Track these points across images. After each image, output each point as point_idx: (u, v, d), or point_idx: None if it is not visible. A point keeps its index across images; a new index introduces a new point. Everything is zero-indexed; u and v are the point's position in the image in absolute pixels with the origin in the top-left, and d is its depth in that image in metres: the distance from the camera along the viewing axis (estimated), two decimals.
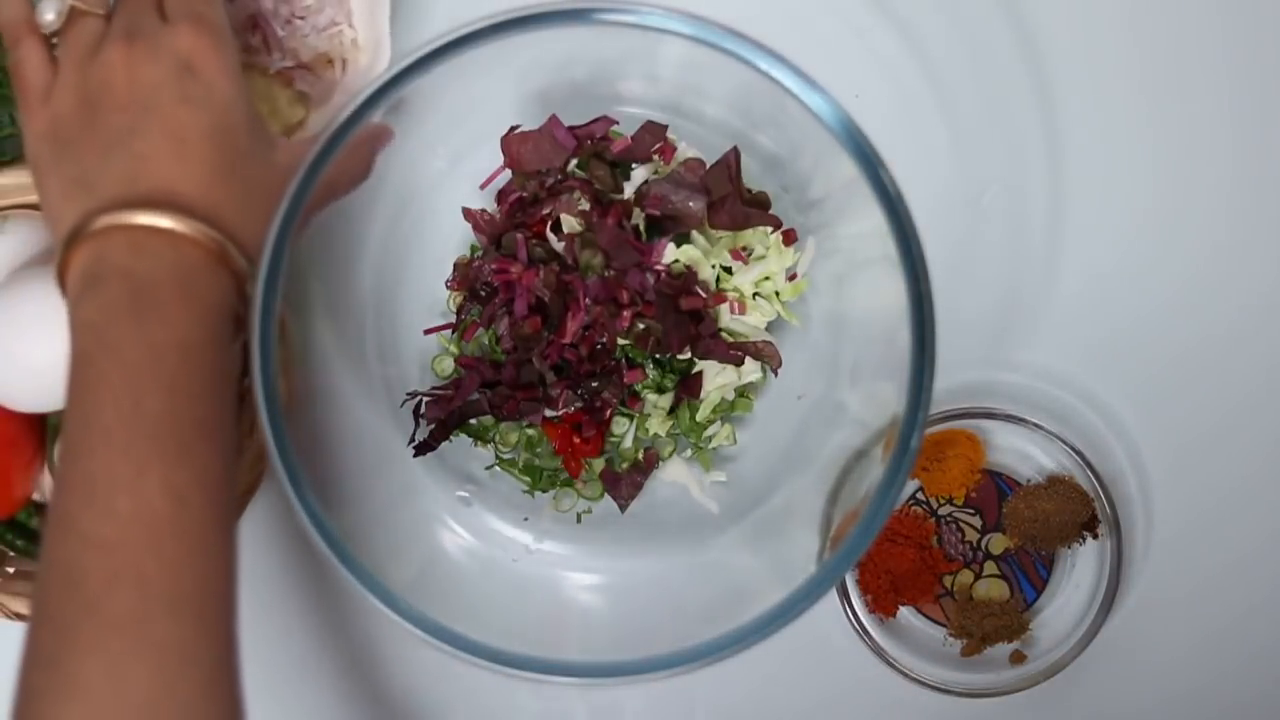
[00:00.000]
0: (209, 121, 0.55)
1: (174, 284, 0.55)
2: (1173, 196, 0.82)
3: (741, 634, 0.61)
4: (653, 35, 0.61)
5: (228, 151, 0.55)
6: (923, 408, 0.60)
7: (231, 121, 0.56)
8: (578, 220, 0.73)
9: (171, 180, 0.55)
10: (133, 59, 0.55)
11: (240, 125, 0.56)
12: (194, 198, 0.55)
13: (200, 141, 0.55)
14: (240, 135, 0.56)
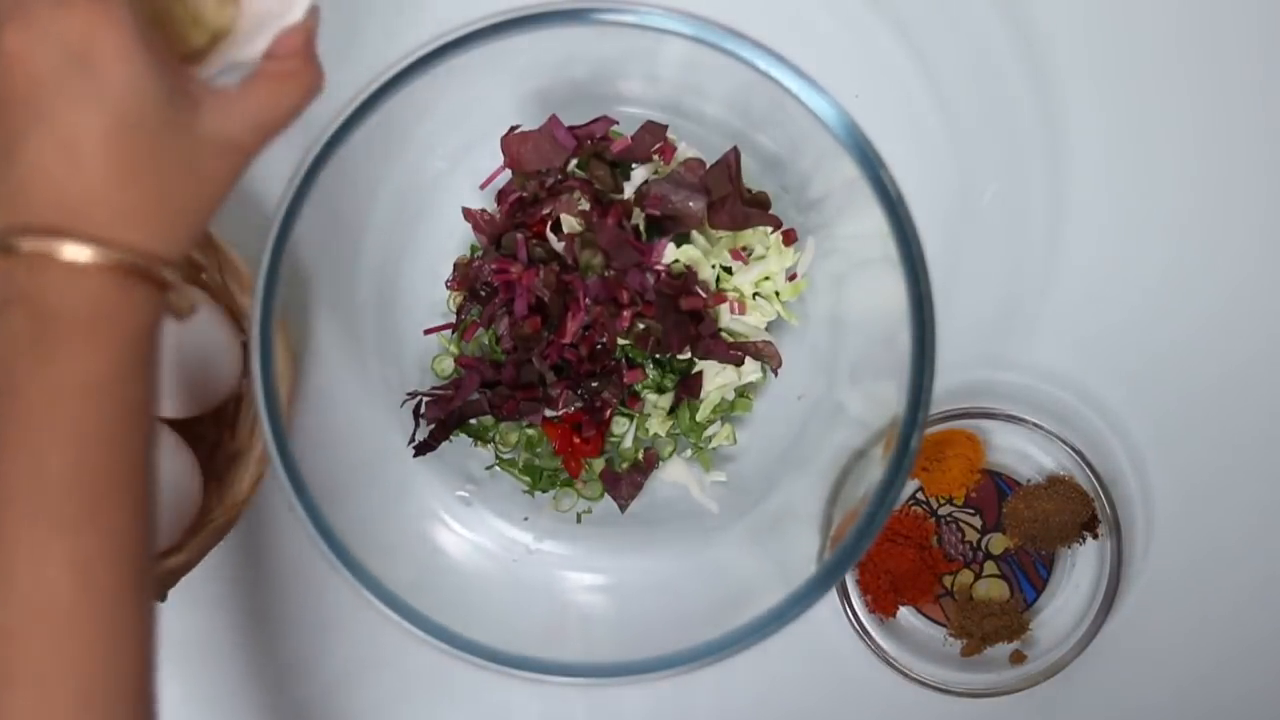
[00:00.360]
0: (105, 122, 0.47)
1: (76, 314, 0.47)
2: (1173, 196, 0.81)
3: (741, 634, 0.61)
4: (653, 35, 0.61)
5: (133, 149, 0.48)
6: (923, 408, 0.61)
7: (135, 112, 0.48)
8: (578, 220, 0.73)
9: (65, 195, 0.47)
10: (19, 48, 0.47)
11: (147, 113, 0.48)
12: (93, 212, 0.47)
13: (96, 147, 0.47)
14: (148, 125, 0.48)
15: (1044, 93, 0.81)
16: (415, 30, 0.68)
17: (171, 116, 0.49)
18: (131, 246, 0.48)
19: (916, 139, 0.80)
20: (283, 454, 0.62)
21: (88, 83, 0.47)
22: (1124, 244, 0.81)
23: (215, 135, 0.50)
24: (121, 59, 0.47)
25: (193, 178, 0.50)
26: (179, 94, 0.49)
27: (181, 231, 0.50)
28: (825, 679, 0.81)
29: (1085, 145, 0.81)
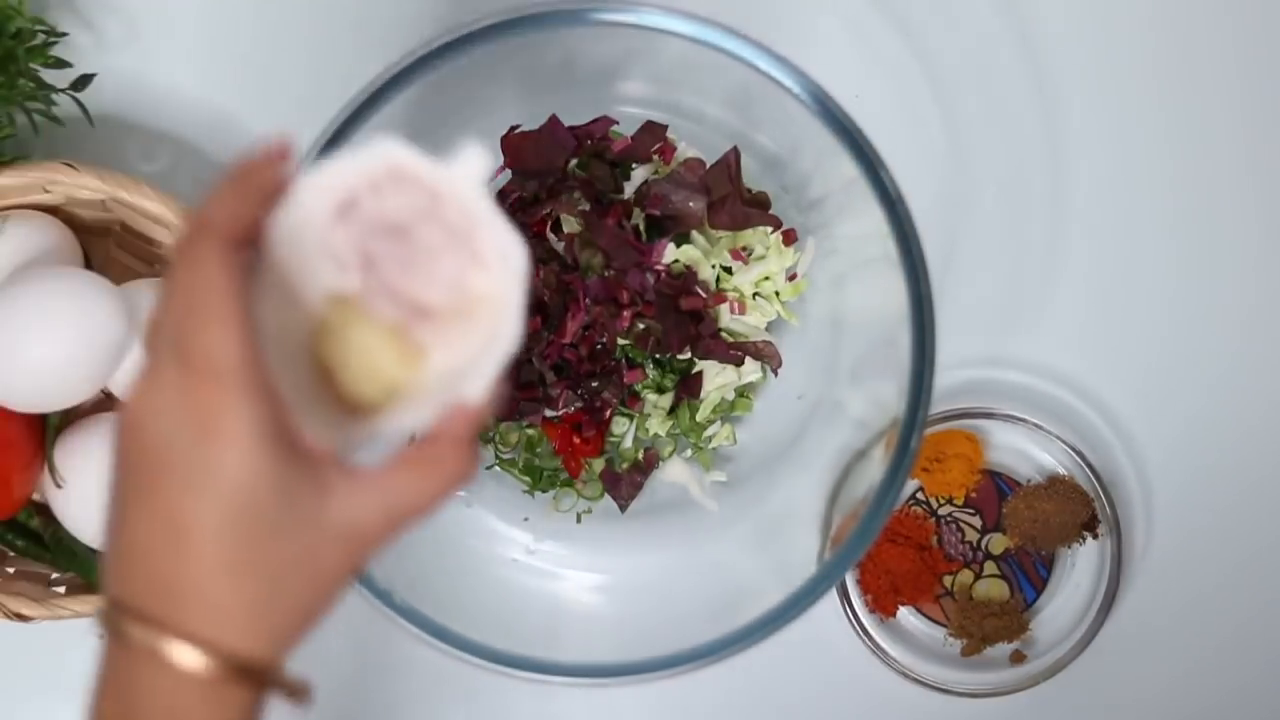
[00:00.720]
0: (217, 512, 0.43)
1: (171, 712, 0.44)
2: (1173, 196, 0.81)
3: (741, 634, 0.61)
4: (653, 35, 0.61)
5: (245, 543, 0.44)
6: (923, 408, 0.61)
7: (250, 503, 0.44)
8: (578, 220, 0.73)
9: (171, 582, 0.44)
10: (143, 411, 0.44)
11: (263, 504, 0.44)
12: (197, 606, 0.44)
13: (205, 538, 0.43)
14: (263, 517, 0.44)
15: (1044, 92, 0.81)
16: (415, 30, 0.68)
17: (292, 507, 0.44)
18: (234, 652, 0.44)
19: (916, 139, 0.80)
20: None
21: (203, 464, 0.43)
22: (1124, 244, 0.81)
23: (341, 525, 0.45)
24: (240, 443, 0.43)
25: (310, 573, 0.45)
26: (305, 481, 0.44)
27: (294, 632, 0.46)
28: (825, 679, 0.81)
29: (1085, 145, 0.81)
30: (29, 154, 0.75)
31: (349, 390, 0.49)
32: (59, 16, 0.77)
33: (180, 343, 0.43)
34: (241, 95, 0.80)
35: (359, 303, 0.49)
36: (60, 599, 0.71)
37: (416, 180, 0.48)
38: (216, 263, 0.43)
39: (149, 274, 0.77)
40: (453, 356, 0.49)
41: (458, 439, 0.46)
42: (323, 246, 0.48)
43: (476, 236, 0.49)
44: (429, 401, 0.48)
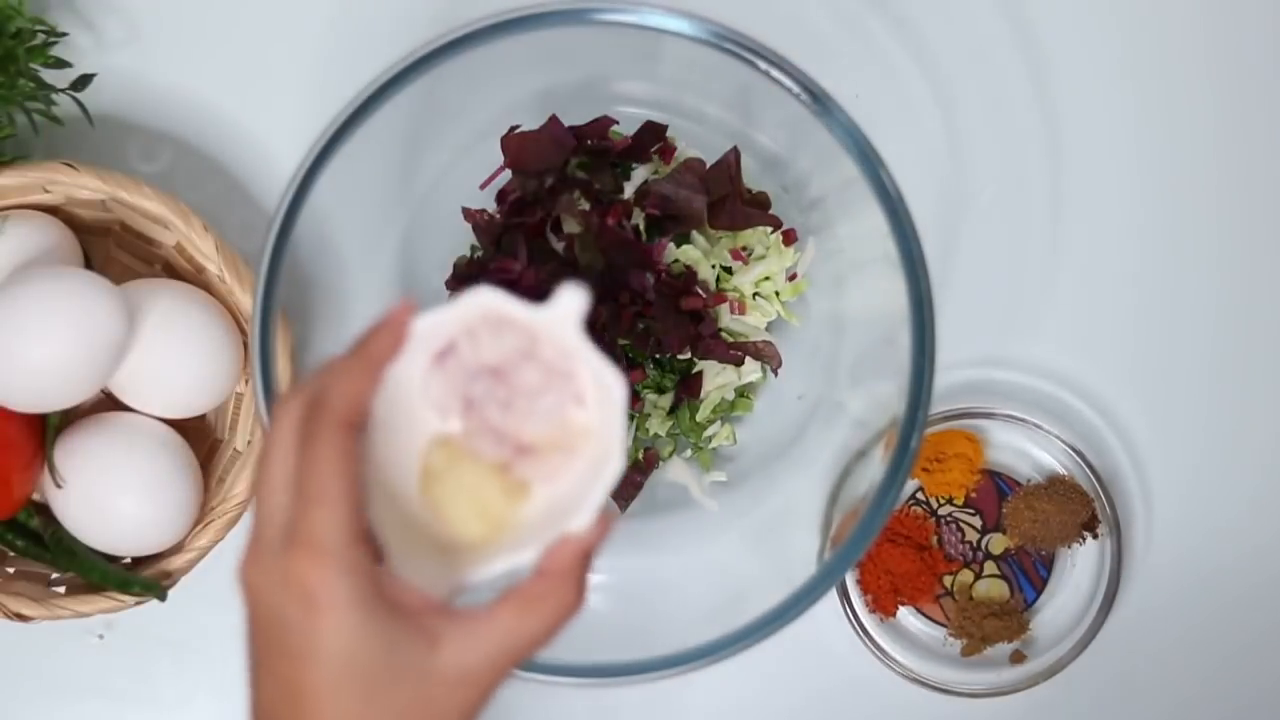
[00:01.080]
0: (329, 678, 0.46)
1: None
2: (1174, 196, 0.81)
3: (741, 634, 0.61)
4: (653, 35, 0.61)
5: (353, 700, 0.46)
6: (923, 408, 0.61)
7: (354, 664, 0.46)
8: (578, 220, 0.73)
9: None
10: (252, 582, 0.47)
11: (367, 663, 0.46)
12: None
13: (316, 700, 0.46)
14: (370, 675, 0.46)
15: (1044, 92, 0.81)
16: (416, 30, 0.68)
17: (400, 663, 0.46)
18: None
19: (916, 139, 0.80)
20: None
21: (311, 635, 0.46)
22: (1124, 243, 0.81)
23: (453, 671, 0.47)
24: (342, 614, 0.46)
25: (424, 713, 0.47)
26: (411, 636, 0.46)
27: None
28: (825, 679, 0.81)
29: (1085, 145, 0.81)
30: (29, 154, 0.75)
31: (455, 531, 0.50)
32: (59, 16, 0.77)
33: (290, 523, 0.46)
34: (241, 95, 0.80)
35: (463, 444, 0.50)
36: (60, 599, 0.71)
37: (513, 324, 0.50)
38: (331, 447, 0.46)
39: (149, 274, 0.77)
40: (556, 490, 0.51)
41: (565, 572, 0.48)
42: (423, 394, 0.50)
43: (575, 373, 0.50)
44: (534, 537, 0.49)
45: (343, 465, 0.46)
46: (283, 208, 0.61)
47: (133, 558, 0.74)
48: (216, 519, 0.72)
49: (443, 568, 0.49)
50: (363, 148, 0.62)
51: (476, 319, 0.50)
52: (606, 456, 0.49)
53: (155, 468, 0.72)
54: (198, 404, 0.73)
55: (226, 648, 0.79)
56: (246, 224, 0.78)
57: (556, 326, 0.49)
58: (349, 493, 0.46)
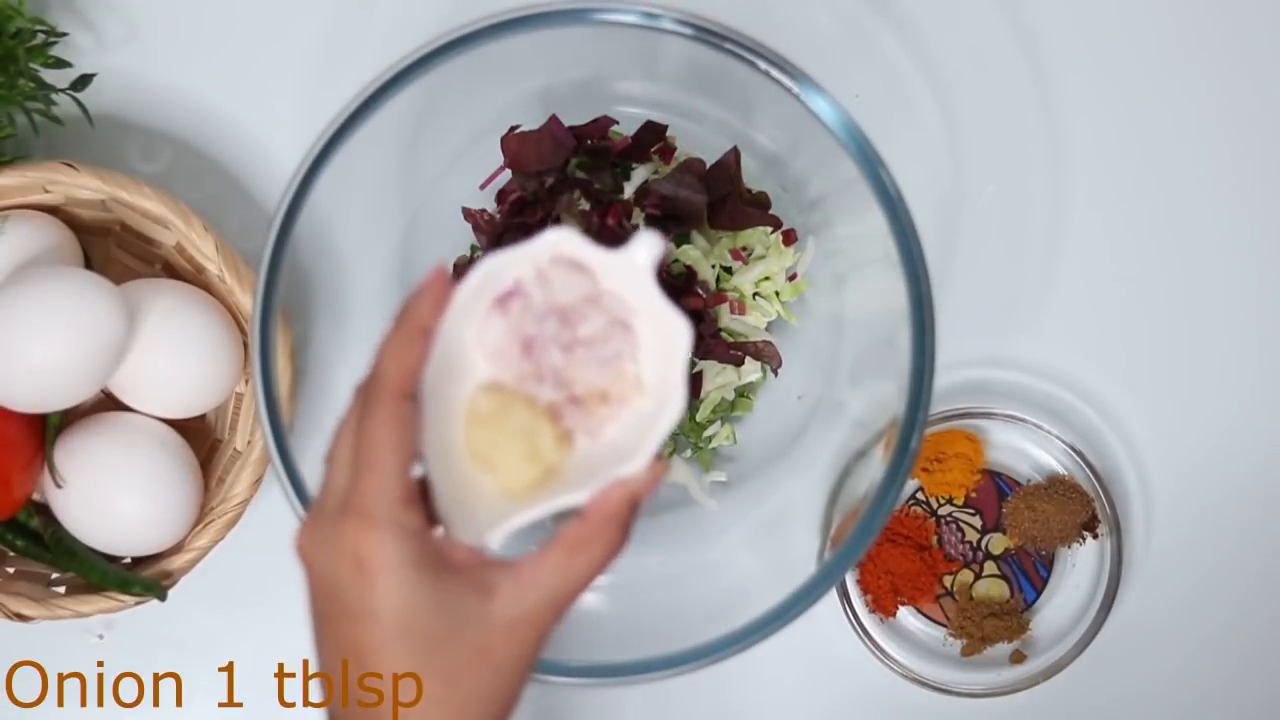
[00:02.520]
0: (385, 636, 0.48)
1: None
2: (1174, 196, 0.81)
3: (741, 634, 0.61)
4: (653, 35, 0.61)
5: (416, 654, 0.48)
6: (923, 408, 0.61)
7: (409, 622, 0.48)
8: (578, 220, 0.73)
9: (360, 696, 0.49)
10: (308, 551, 0.50)
11: (422, 620, 0.48)
12: (387, 715, 0.49)
13: (379, 658, 0.48)
14: (425, 631, 0.48)
15: (1044, 92, 0.81)
16: (416, 30, 0.68)
17: (454, 616, 0.49)
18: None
19: (916, 139, 0.80)
20: (283, 454, 0.62)
21: (364, 597, 0.48)
22: (1123, 243, 0.81)
23: (508, 619, 0.49)
24: (394, 575, 0.48)
25: (487, 668, 0.49)
26: (463, 590, 0.49)
27: (474, 705, 0.49)
28: (825, 679, 0.81)
29: (1084, 144, 0.81)
30: (29, 154, 0.75)
31: (504, 475, 0.51)
32: (59, 16, 0.77)
33: (346, 489, 0.49)
34: (241, 95, 0.80)
35: (516, 387, 0.51)
36: (60, 599, 0.71)
37: (583, 266, 0.50)
38: (385, 415, 0.48)
39: (149, 274, 0.77)
40: (609, 436, 0.51)
41: (609, 517, 0.49)
42: (478, 340, 0.51)
43: (631, 324, 0.51)
44: (585, 481, 0.50)
45: (395, 433, 0.48)
46: (283, 208, 0.61)
47: (133, 558, 0.74)
48: (216, 519, 0.72)
49: (490, 514, 0.50)
50: (363, 148, 0.62)
51: (546, 260, 0.50)
52: (665, 403, 0.50)
53: (155, 468, 0.72)
54: (198, 404, 0.73)
55: (226, 648, 0.79)
56: (246, 224, 0.78)
57: (627, 270, 0.50)
58: (400, 459, 0.48)
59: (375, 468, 0.48)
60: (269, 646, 0.78)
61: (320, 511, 0.49)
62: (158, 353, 0.71)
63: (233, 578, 0.78)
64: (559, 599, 0.49)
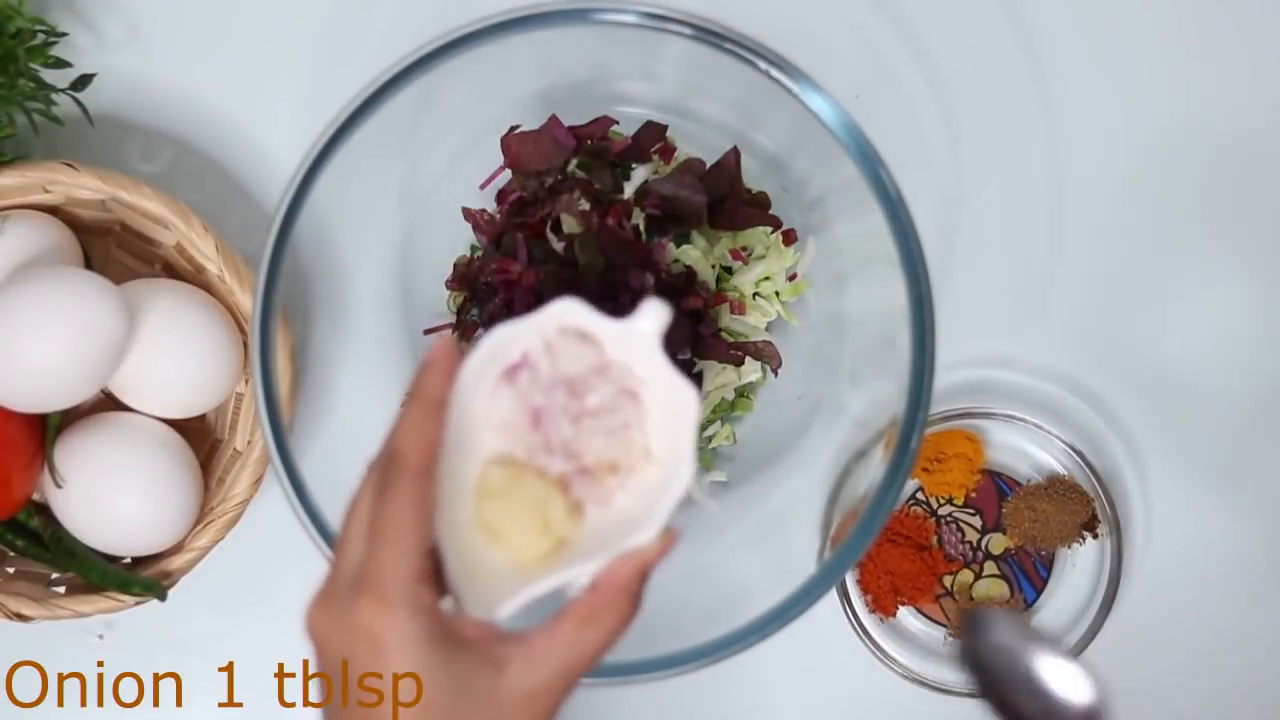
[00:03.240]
0: (400, 713, 0.48)
1: None
2: (1174, 196, 0.81)
3: (741, 634, 0.61)
4: (653, 35, 0.61)
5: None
6: (923, 408, 0.61)
7: (430, 696, 0.48)
8: (578, 220, 0.73)
9: None
10: (319, 629, 0.49)
11: (439, 695, 0.48)
12: None
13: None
14: (443, 704, 0.48)
15: (1044, 92, 0.81)
16: (416, 30, 0.68)
17: (468, 694, 0.48)
18: None
19: (916, 139, 0.80)
20: (283, 454, 0.62)
21: (377, 670, 0.48)
22: (1124, 243, 0.81)
23: (520, 693, 0.49)
24: (407, 653, 0.47)
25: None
26: (476, 665, 0.49)
27: None
28: (825, 679, 0.81)
29: (1084, 144, 0.81)
30: (29, 154, 0.75)
31: (515, 548, 0.51)
32: (59, 16, 0.77)
33: (361, 565, 0.48)
34: (241, 95, 0.80)
35: (526, 459, 0.51)
36: (60, 599, 0.71)
37: (589, 336, 0.51)
38: (404, 497, 0.48)
39: (149, 274, 0.77)
40: (619, 507, 0.51)
41: (620, 588, 0.49)
42: (485, 414, 0.51)
43: (639, 393, 0.51)
44: (595, 551, 0.50)
45: (415, 510, 0.48)
46: (283, 208, 0.61)
47: (133, 558, 0.74)
48: (216, 519, 0.72)
49: (501, 587, 0.50)
50: (363, 148, 0.62)
51: (553, 331, 0.50)
52: (674, 473, 0.50)
53: (155, 468, 0.72)
54: (198, 404, 0.73)
55: (226, 648, 0.79)
56: (246, 224, 0.78)
57: (636, 340, 0.50)
58: (419, 535, 0.48)
59: (393, 544, 0.47)
60: (269, 646, 0.78)
61: (332, 589, 0.49)
62: (158, 353, 0.71)
63: (233, 578, 0.78)
64: (571, 671, 0.49)
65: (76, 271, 0.70)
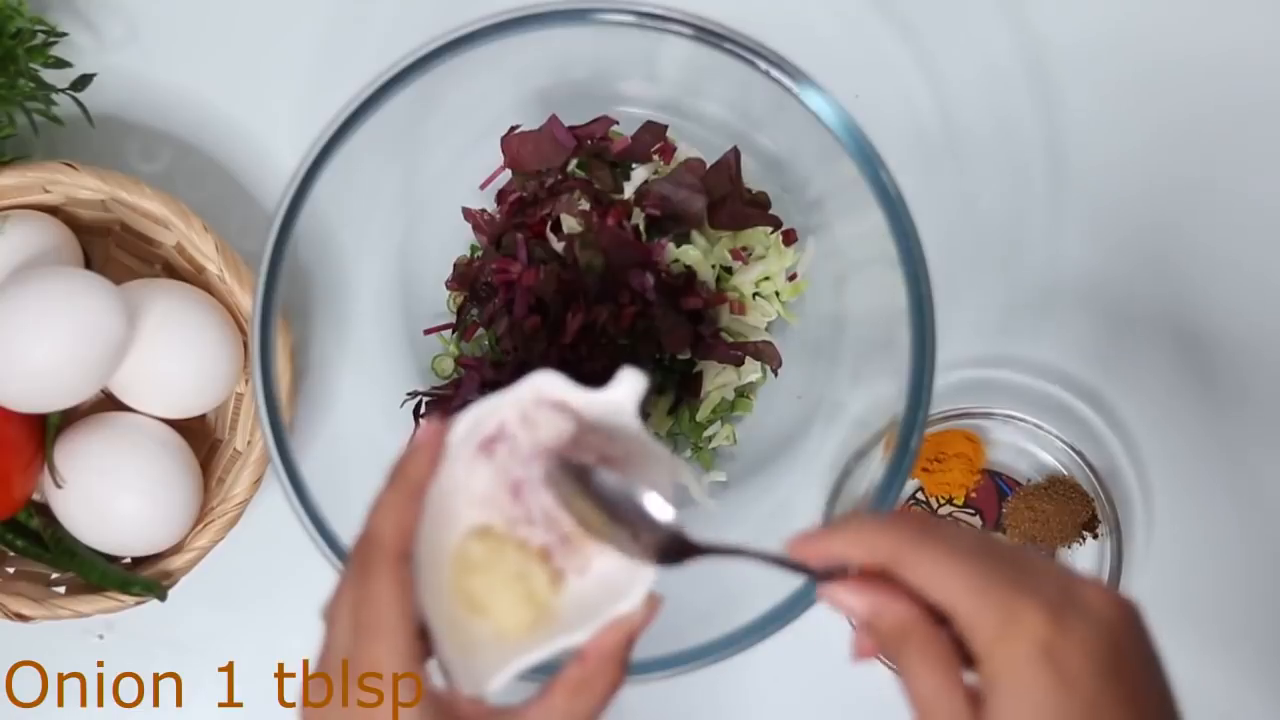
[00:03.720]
0: None
1: None
2: (1174, 195, 0.81)
3: (741, 634, 0.61)
4: (653, 35, 0.62)
5: None
6: (923, 408, 0.61)
7: None
8: (578, 220, 0.73)
9: None
10: (323, 714, 0.49)
11: None
12: None
13: None
14: None
15: (1044, 91, 0.81)
16: (416, 30, 0.68)
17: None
18: None
19: (916, 139, 0.80)
20: (283, 454, 0.62)
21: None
22: (1123, 244, 0.81)
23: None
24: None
25: None
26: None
27: None
28: (825, 679, 0.81)
29: (1085, 144, 0.81)
30: (29, 154, 0.75)
31: (499, 620, 0.51)
32: (59, 16, 0.77)
33: (353, 658, 0.47)
34: (242, 96, 0.80)
35: (506, 531, 0.51)
36: (60, 599, 0.71)
37: (566, 407, 0.51)
38: (386, 580, 0.48)
39: (149, 274, 0.77)
40: (598, 571, 0.52)
41: (607, 656, 0.50)
42: (464, 488, 0.51)
43: (625, 456, 0.51)
44: (580, 618, 0.50)
45: (399, 596, 0.48)
46: (283, 208, 0.61)
47: (133, 558, 0.74)
48: (216, 519, 0.72)
49: (487, 661, 0.50)
50: (363, 148, 0.62)
51: (530, 403, 0.51)
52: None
53: (155, 468, 0.72)
54: (198, 404, 0.73)
55: (226, 648, 0.79)
56: (246, 224, 0.78)
57: (611, 411, 0.51)
58: (406, 621, 0.47)
59: (385, 638, 0.47)
60: (269, 646, 0.78)
61: (322, 683, 0.48)
62: (158, 353, 0.71)
63: (233, 578, 0.78)
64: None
65: (76, 271, 0.70)
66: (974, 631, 0.45)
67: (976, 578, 0.45)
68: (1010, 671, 0.44)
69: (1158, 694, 0.48)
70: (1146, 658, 0.48)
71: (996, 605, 0.44)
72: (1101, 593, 0.46)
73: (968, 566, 0.45)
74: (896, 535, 0.46)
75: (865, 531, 0.47)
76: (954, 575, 0.45)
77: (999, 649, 0.44)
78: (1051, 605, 0.44)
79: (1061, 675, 0.44)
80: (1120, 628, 0.46)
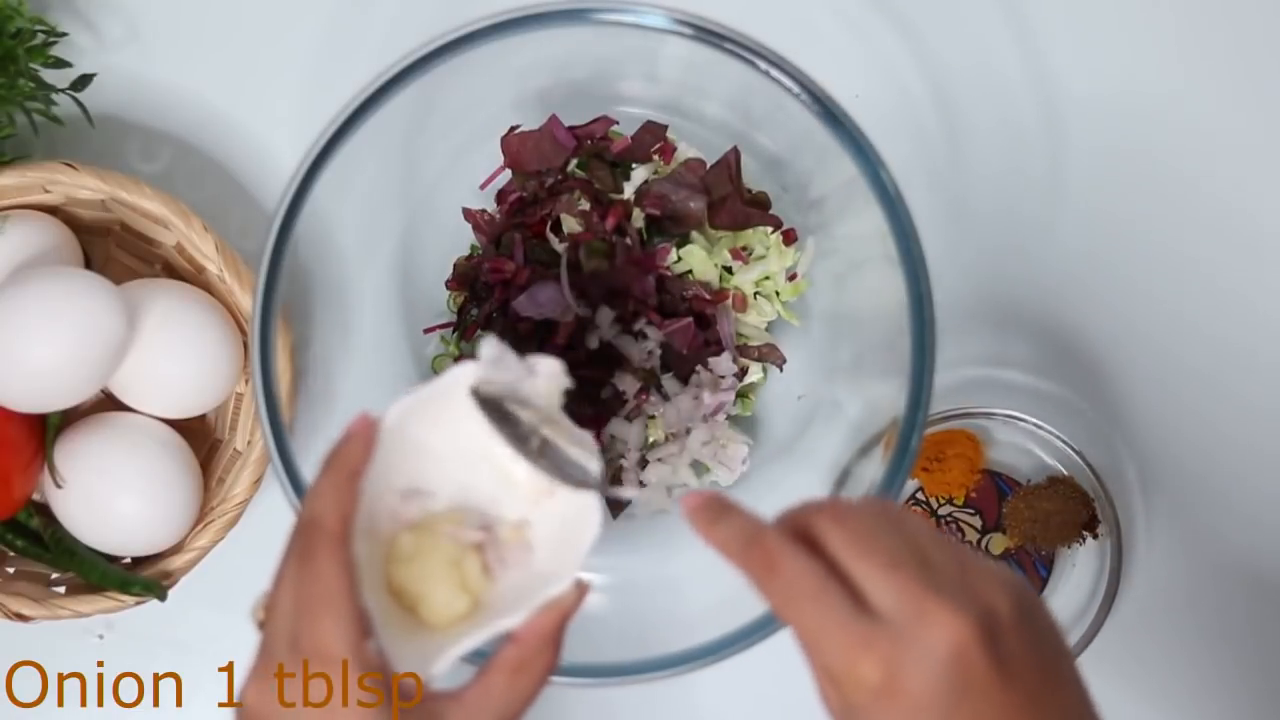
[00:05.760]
0: None
1: None
2: (1174, 196, 0.81)
3: (741, 634, 0.61)
4: (653, 35, 0.62)
5: None
6: (923, 408, 0.61)
7: None
8: (578, 220, 0.73)
9: None
10: (255, 702, 0.49)
11: None
12: None
13: None
14: None
15: (1044, 91, 0.81)
16: (416, 30, 0.68)
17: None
18: None
19: (916, 139, 0.80)
20: (283, 454, 0.62)
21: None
22: (1124, 244, 0.81)
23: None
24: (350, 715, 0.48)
25: None
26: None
27: None
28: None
29: (1085, 144, 0.81)
30: (29, 154, 0.75)
31: (437, 608, 0.52)
32: (59, 16, 0.77)
33: (296, 638, 0.48)
34: (242, 96, 0.80)
35: (440, 524, 0.52)
36: (60, 599, 0.71)
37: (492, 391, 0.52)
38: (328, 561, 0.48)
39: (149, 274, 0.77)
40: (535, 561, 0.53)
41: (544, 637, 0.51)
42: (399, 476, 0.52)
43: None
44: (514, 604, 0.51)
45: (342, 573, 0.48)
46: (283, 208, 0.61)
47: (133, 558, 0.74)
48: (216, 519, 0.72)
49: (426, 648, 0.51)
50: (362, 148, 0.62)
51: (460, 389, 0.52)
52: (584, 526, 0.52)
53: (155, 468, 0.72)
54: (198, 404, 0.73)
55: (226, 648, 0.79)
56: (246, 224, 0.78)
57: (537, 394, 0.52)
58: (349, 598, 0.48)
59: (331, 611, 0.48)
60: None
61: (267, 663, 0.49)
62: (158, 353, 0.71)
63: (233, 578, 0.78)
64: (506, 718, 0.50)
65: (76, 271, 0.70)
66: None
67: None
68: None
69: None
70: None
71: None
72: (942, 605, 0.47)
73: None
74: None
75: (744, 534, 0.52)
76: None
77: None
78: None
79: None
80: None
